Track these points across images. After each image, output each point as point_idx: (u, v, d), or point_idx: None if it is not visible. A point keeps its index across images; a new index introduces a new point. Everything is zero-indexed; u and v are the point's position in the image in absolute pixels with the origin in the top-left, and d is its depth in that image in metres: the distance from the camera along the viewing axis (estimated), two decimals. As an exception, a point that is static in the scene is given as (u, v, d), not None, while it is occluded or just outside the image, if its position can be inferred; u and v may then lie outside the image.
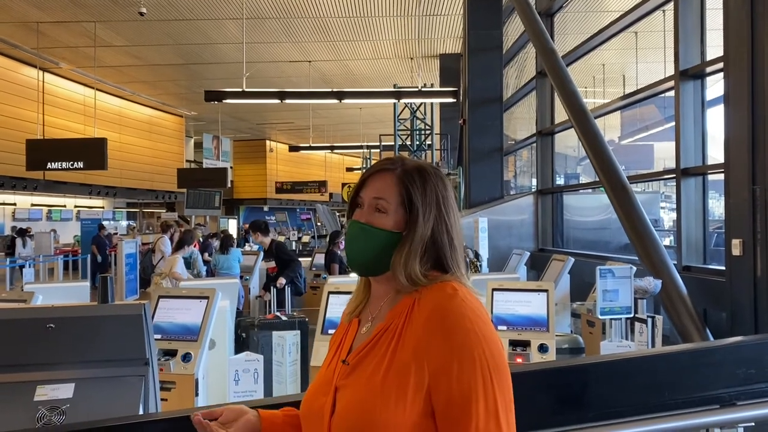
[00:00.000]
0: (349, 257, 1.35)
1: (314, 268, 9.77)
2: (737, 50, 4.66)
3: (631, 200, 6.27)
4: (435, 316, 1.20)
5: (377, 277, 1.34)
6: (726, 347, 1.86)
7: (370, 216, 1.31)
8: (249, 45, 13.45)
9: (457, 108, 15.17)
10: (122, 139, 21.53)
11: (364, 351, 1.27)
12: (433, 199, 1.31)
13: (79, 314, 1.88)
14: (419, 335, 1.20)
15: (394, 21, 13.82)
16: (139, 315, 1.82)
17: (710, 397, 1.71)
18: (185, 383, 3.78)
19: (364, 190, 1.34)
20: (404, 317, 1.25)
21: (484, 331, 1.19)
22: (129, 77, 19.20)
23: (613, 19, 8.53)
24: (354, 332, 1.36)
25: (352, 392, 1.23)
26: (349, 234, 1.34)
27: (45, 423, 1.76)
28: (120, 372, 1.81)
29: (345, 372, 1.27)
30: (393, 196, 1.31)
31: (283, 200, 32.10)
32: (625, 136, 11.78)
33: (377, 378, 1.20)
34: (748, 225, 4.49)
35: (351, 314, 1.40)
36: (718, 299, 5.35)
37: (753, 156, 4.45)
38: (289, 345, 4.74)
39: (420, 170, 1.34)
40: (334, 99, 12.69)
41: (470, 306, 1.21)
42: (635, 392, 1.72)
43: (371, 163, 18.27)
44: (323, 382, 1.31)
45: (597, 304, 4.72)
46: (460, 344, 1.16)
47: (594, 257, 8.43)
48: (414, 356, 1.19)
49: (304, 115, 22.96)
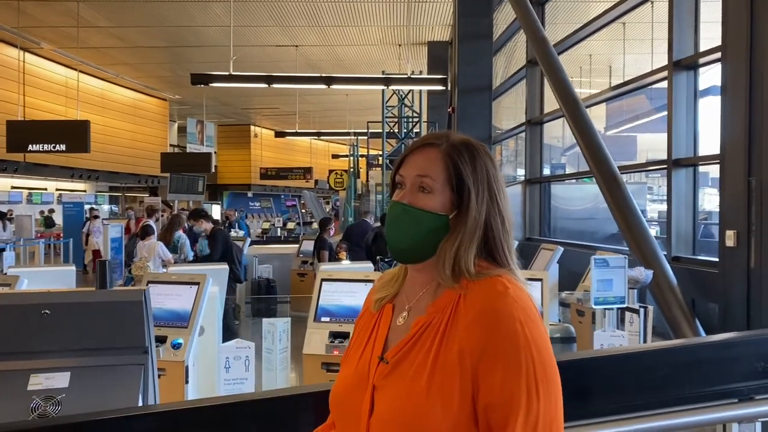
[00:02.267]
0: (390, 242, 1.22)
1: (301, 255, 9.67)
2: (735, 40, 4.64)
3: (622, 191, 6.27)
4: (483, 317, 1.11)
5: (418, 265, 1.23)
6: (745, 340, 1.83)
7: (413, 196, 1.19)
8: (236, 28, 13.25)
9: (445, 96, 15.11)
10: (105, 122, 21.20)
11: (405, 348, 1.17)
12: (484, 177, 1.19)
13: (76, 300, 1.80)
14: (465, 336, 1.11)
15: (382, 6, 13.68)
16: (139, 301, 1.74)
17: (729, 391, 1.68)
18: (175, 370, 3.71)
19: (406, 167, 1.22)
20: (449, 313, 1.15)
21: (534, 335, 1.10)
22: (112, 59, 18.88)
23: (603, 9, 8.50)
24: (388, 321, 1.25)
25: (394, 394, 1.14)
26: (389, 216, 1.22)
27: (40, 414, 1.68)
28: (118, 360, 1.73)
29: (384, 371, 1.17)
30: (439, 173, 1.18)
31: (268, 186, 31.88)
32: (610, 127, 11.80)
33: (422, 381, 1.12)
34: (743, 216, 4.49)
35: (381, 300, 1.28)
36: (709, 290, 5.37)
37: (749, 147, 4.45)
38: (280, 332, 4.68)
39: (468, 145, 1.21)
40: (323, 84, 12.56)
41: (522, 306, 1.12)
42: (654, 385, 1.69)
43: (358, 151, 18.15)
44: (357, 378, 1.21)
45: (591, 293, 4.70)
46: (507, 349, 1.08)
47: (581, 247, 8.46)
48: (459, 358, 1.11)
49: (290, 101, 22.75)
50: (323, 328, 4.22)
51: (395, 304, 1.27)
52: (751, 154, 4.45)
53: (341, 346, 4.08)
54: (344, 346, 4.10)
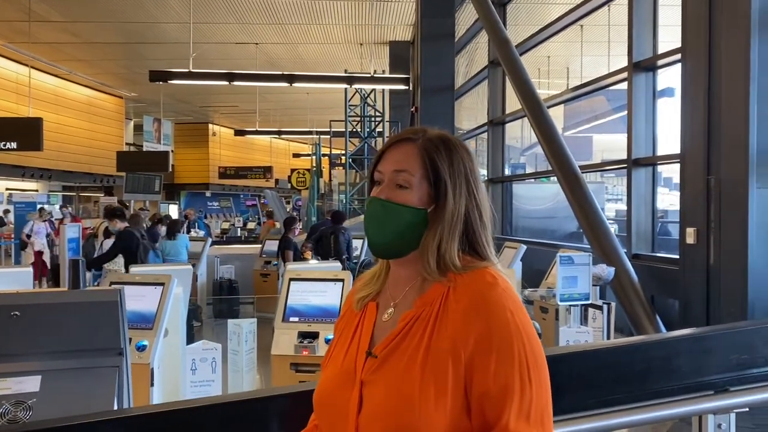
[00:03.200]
0: (369, 238, 1.22)
1: (264, 255, 9.57)
2: (695, 42, 4.76)
3: (583, 189, 6.38)
4: (475, 307, 1.11)
5: (400, 260, 1.22)
6: (719, 333, 1.87)
7: (391, 191, 1.19)
8: (195, 25, 13.03)
9: (407, 96, 15.15)
10: (58, 119, 20.61)
11: (394, 342, 1.16)
12: (461, 171, 1.20)
13: (47, 301, 1.73)
14: (458, 326, 1.11)
15: (344, 5, 13.64)
16: (114, 302, 1.68)
17: (704, 383, 1.72)
18: (140, 373, 3.61)
19: (384, 163, 1.22)
20: (438, 306, 1.15)
21: (525, 324, 1.12)
22: (66, 55, 18.36)
23: (563, 12, 8.65)
24: (372, 319, 1.24)
25: (384, 388, 1.13)
26: (368, 212, 1.22)
27: (9, 419, 1.61)
28: (92, 363, 1.67)
29: (373, 365, 1.16)
30: (416, 168, 1.18)
31: (227, 186, 31.47)
32: (568, 128, 12.02)
33: (413, 372, 1.11)
34: (702, 214, 4.61)
35: (364, 299, 1.27)
36: (669, 287, 5.51)
37: (708, 146, 4.57)
38: (246, 333, 4.62)
39: (445, 140, 1.22)
40: (285, 82, 12.45)
41: (511, 297, 1.14)
42: (631, 379, 1.72)
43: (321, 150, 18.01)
44: (343, 375, 1.20)
45: (557, 290, 4.77)
46: (499, 338, 1.09)
47: (542, 245, 8.59)
48: (452, 348, 1.11)
49: (249, 99, 22.47)
50: (292, 329, 4.18)
51: (379, 301, 1.26)
52: (710, 153, 4.57)
53: (310, 347, 4.05)
54: (313, 346, 4.07)
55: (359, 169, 16.67)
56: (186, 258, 8.55)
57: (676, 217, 5.85)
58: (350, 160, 16.46)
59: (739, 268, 4.37)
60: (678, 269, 5.20)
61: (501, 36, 8.19)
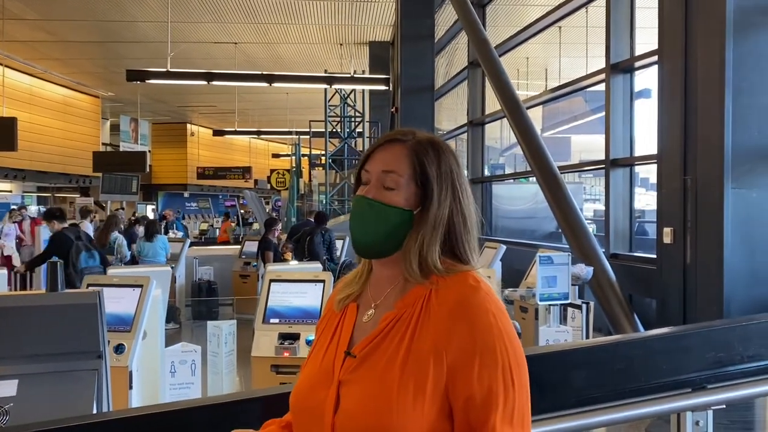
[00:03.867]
0: (354, 237, 1.22)
1: (244, 256, 9.50)
2: (671, 44, 4.82)
3: (563, 190, 6.44)
4: (458, 310, 1.12)
5: (383, 260, 1.22)
6: (696, 332, 1.90)
7: (378, 191, 1.19)
8: (173, 24, 12.91)
9: (387, 96, 15.16)
10: (33, 119, 20.28)
11: (374, 342, 1.15)
12: (448, 175, 1.20)
13: (24, 303, 1.69)
14: (440, 329, 1.11)
15: (323, 5, 13.60)
16: (93, 304, 1.66)
17: (682, 381, 1.75)
18: (119, 376, 3.56)
19: (371, 162, 1.22)
20: (419, 308, 1.15)
21: (507, 328, 1.13)
22: (41, 54, 18.08)
23: (542, 13, 8.71)
24: (353, 320, 1.23)
25: (362, 388, 1.12)
26: (354, 211, 1.22)
27: (-14, 424, 1.58)
28: (70, 366, 1.64)
29: (351, 365, 1.16)
30: (404, 169, 1.19)
31: (205, 186, 31.21)
32: (546, 129, 12.13)
33: (393, 372, 1.10)
34: (679, 214, 4.67)
35: (345, 300, 1.27)
36: (647, 286, 5.57)
37: (685, 147, 4.63)
38: (225, 335, 4.59)
39: (434, 143, 1.22)
40: (264, 82, 12.38)
41: (493, 300, 1.14)
42: (612, 378, 1.74)
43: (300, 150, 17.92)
44: (321, 375, 1.19)
45: (537, 290, 4.81)
46: (483, 341, 1.09)
47: (522, 245, 8.65)
48: (434, 350, 1.10)
49: (228, 99, 22.30)
50: (272, 330, 4.15)
51: (360, 302, 1.26)
52: (686, 154, 4.64)
53: (291, 348, 4.03)
54: (294, 348, 4.06)
55: (339, 169, 16.64)
56: (164, 260, 8.47)
57: (653, 217, 5.93)
58: (330, 160, 16.42)
59: (715, 267, 4.44)
60: (655, 268, 5.26)
61: (480, 37, 8.23)
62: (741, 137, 4.35)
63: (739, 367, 1.84)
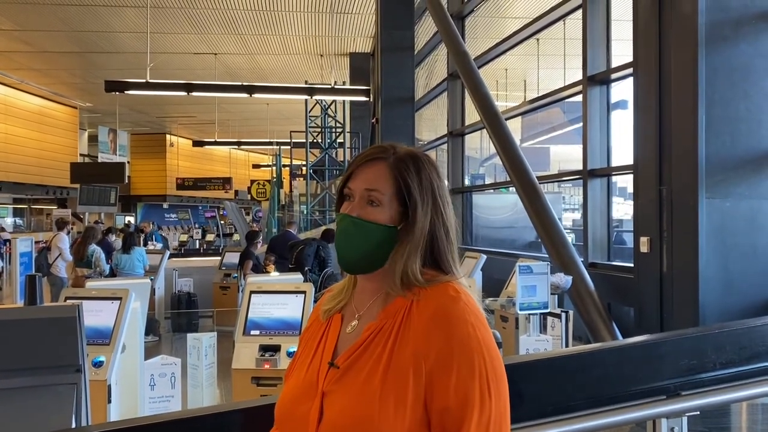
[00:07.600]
0: (340, 255, 1.23)
1: (224, 268, 9.44)
2: (645, 56, 4.91)
3: (541, 200, 6.50)
4: (437, 320, 1.13)
5: (368, 275, 1.24)
6: (670, 340, 1.93)
7: (362, 209, 1.20)
8: (152, 35, 12.87)
9: (368, 107, 15.21)
10: (8, 129, 20.07)
11: (356, 353, 1.17)
12: (428, 189, 1.22)
13: (1, 317, 1.68)
14: (419, 339, 1.13)
15: (303, 17, 13.65)
16: (72, 317, 1.65)
17: (658, 388, 1.78)
18: (97, 390, 3.53)
19: (354, 180, 1.23)
20: (401, 318, 1.16)
21: (486, 338, 1.14)
22: (17, 64, 17.90)
23: (520, 26, 8.82)
24: (337, 331, 1.25)
25: (345, 398, 1.14)
26: (339, 229, 1.23)
27: (-39, 441, 1.56)
28: (49, 380, 1.63)
29: (335, 376, 1.17)
30: (387, 187, 1.20)
31: (185, 197, 31.00)
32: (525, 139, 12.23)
33: (374, 383, 1.12)
34: (655, 224, 4.74)
35: (330, 311, 1.28)
36: (625, 294, 5.63)
37: (660, 158, 4.71)
38: (206, 347, 4.55)
39: (414, 157, 1.23)
40: (245, 93, 12.37)
41: (473, 311, 1.15)
42: (588, 386, 1.76)
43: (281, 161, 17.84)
44: (305, 386, 1.20)
45: (516, 299, 4.84)
46: (460, 351, 1.11)
47: (502, 254, 8.70)
48: (413, 360, 1.12)
49: (207, 109, 22.24)
50: (253, 342, 4.13)
51: (344, 313, 1.28)
52: (662, 164, 4.71)
53: (272, 360, 4.01)
54: (275, 360, 4.04)
55: (320, 180, 16.64)
56: (142, 272, 8.38)
57: (630, 226, 6.01)
58: (311, 171, 16.41)
59: (690, 276, 4.50)
60: (633, 277, 5.33)
61: (460, 49, 8.31)
62: (714, 148, 4.43)
63: (713, 373, 1.88)
